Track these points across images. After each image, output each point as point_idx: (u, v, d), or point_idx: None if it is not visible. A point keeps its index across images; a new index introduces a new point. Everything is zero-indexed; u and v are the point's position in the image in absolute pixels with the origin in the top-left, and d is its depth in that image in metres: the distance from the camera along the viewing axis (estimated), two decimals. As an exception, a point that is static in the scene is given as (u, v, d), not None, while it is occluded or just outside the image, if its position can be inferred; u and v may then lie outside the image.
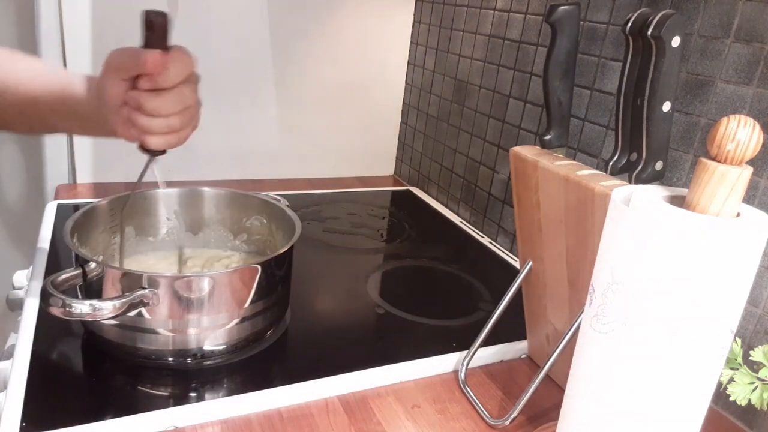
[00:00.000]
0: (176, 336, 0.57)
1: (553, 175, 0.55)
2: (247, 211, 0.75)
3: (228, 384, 0.59)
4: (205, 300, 0.57)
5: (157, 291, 0.55)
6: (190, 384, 0.58)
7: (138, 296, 0.54)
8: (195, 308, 0.57)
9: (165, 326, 0.56)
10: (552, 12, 0.55)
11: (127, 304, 0.53)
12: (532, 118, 0.91)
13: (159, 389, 0.57)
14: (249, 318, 0.60)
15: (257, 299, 0.60)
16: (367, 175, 1.31)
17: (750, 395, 0.42)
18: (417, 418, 0.58)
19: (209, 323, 0.58)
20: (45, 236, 0.82)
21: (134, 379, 0.58)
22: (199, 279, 0.56)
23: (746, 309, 0.58)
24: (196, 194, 0.75)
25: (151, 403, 0.54)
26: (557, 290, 0.60)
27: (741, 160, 0.35)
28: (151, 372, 0.59)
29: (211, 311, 0.57)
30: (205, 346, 0.59)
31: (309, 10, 1.12)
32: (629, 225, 0.37)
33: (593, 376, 0.41)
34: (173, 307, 0.56)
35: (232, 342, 0.60)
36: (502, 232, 0.99)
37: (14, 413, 0.51)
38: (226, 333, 0.59)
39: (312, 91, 1.18)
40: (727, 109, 0.62)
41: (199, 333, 0.58)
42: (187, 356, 0.59)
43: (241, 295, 0.59)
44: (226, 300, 0.58)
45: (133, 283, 0.54)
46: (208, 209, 0.75)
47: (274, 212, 0.73)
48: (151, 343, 0.57)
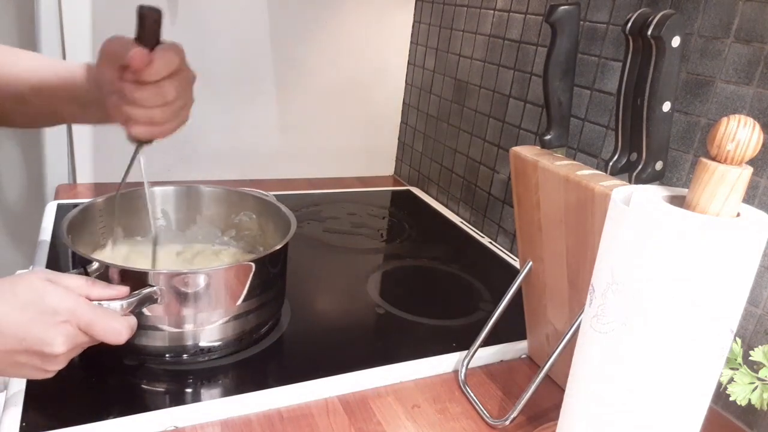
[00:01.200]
0: (174, 332, 0.58)
1: (553, 175, 0.55)
2: (236, 208, 0.75)
3: (228, 384, 0.59)
4: (203, 295, 0.57)
5: (163, 288, 0.55)
6: (190, 384, 0.58)
7: (146, 294, 0.54)
8: (193, 304, 0.57)
9: (163, 322, 0.57)
10: (552, 12, 0.55)
11: (134, 303, 0.53)
12: (532, 118, 0.91)
13: (159, 389, 0.57)
14: (244, 314, 0.61)
15: (253, 295, 0.60)
16: (367, 175, 1.31)
17: (750, 395, 0.42)
18: (417, 418, 0.58)
19: (205, 319, 0.58)
20: (45, 236, 0.82)
21: (134, 378, 0.58)
22: (198, 275, 0.56)
23: (746, 309, 0.58)
24: (184, 192, 0.75)
25: (151, 403, 0.54)
26: (557, 290, 0.60)
27: (741, 160, 0.35)
28: (151, 372, 0.59)
29: (208, 307, 0.58)
30: (201, 342, 0.59)
31: (309, 11, 1.12)
32: (629, 225, 0.37)
33: (593, 376, 0.41)
34: (173, 303, 0.56)
35: (228, 338, 0.61)
36: (502, 232, 0.99)
37: (14, 413, 0.51)
38: (221, 329, 0.60)
39: (312, 91, 1.18)
40: (727, 109, 0.62)
41: (196, 329, 0.58)
42: (183, 353, 0.59)
43: (237, 291, 0.59)
44: (222, 296, 0.58)
45: (137, 282, 0.54)
46: (197, 207, 0.75)
47: (265, 208, 0.73)
48: (149, 339, 0.57)
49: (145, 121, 0.54)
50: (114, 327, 0.49)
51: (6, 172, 1.22)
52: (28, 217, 1.23)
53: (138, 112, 0.53)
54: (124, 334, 0.50)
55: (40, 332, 0.45)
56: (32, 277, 0.48)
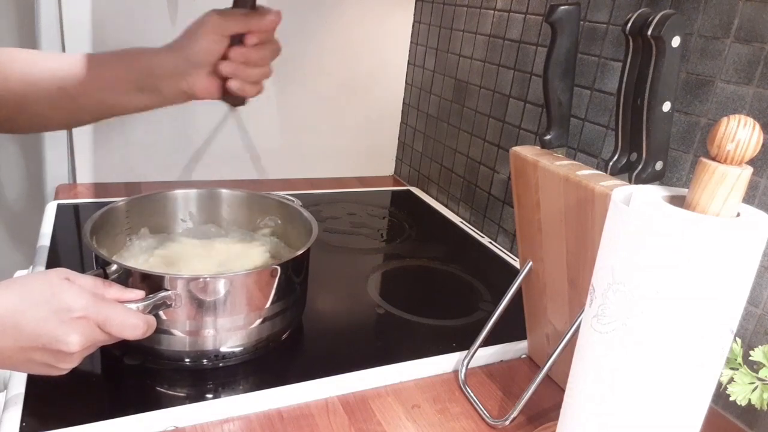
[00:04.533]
0: (192, 338, 0.57)
1: (553, 175, 0.55)
2: (262, 212, 0.75)
3: (228, 384, 0.59)
4: (224, 301, 0.57)
5: (178, 292, 0.55)
6: (189, 384, 0.58)
7: (161, 298, 0.54)
8: (213, 310, 0.57)
9: (182, 328, 0.57)
10: (552, 12, 0.55)
11: (149, 307, 0.53)
12: (532, 118, 0.91)
13: (159, 389, 0.57)
14: (267, 319, 0.61)
15: (276, 300, 0.60)
16: (367, 175, 1.31)
17: (750, 395, 0.42)
18: (417, 418, 0.58)
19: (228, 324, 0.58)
20: (45, 236, 0.82)
21: (134, 378, 0.58)
22: (220, 280, 0.56)
23: (746, 309, 0.58)
24: (210, 195, 0.75)
25: (151, 403, 0.54)
26: (557, 290, 0.60)
27: (741, 160, 0.35)
28: (151, 372, 0.59)
29: (230, 312, 0.57)
30: (222, 348, 0.59)
31: (309, 11, 1.12)
32: (629, 225, 0.37)
33: (593, 376, 0.41)
34: (191, 308, 0.56)
35: (251, 344, 0.61)
36: (502, 232, 0.99)
37: (14, 413, 0.51)
38: (245, 335, 0.60)
39: (312, 91, 1.18)
40: (727, 109, 0.62)
41: (216, 334, 0.58)
42: (203, 358, 0.59)
43: (262, 296, 0.59)
44: (245, 301, 0.58)
45: (154, 285, 0.54)
46: (223, 210, 0.75)
47: (289, 213, 0.73)
48: (168, 344, 0.57)
49: (260, 79, 0.59)
50: (131, 322, 0.50)
51: (6, 172, 1.22)
52: (28, 217, 1.23)
53: (255, 72, 0.58)
54: (141, 327, 0.50)
55: (56, 329, 0.45)
56: (50, 275, 0.48)
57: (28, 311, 0.45)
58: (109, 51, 0.62)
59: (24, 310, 0.45)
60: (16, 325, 0.45)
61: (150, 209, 0.71)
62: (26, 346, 0.45)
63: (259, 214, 0.75)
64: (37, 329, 0.45)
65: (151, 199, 0.71)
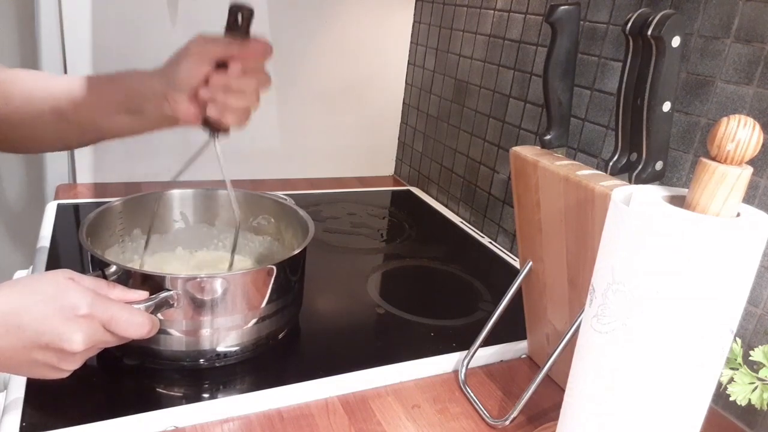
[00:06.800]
0: (189, 337, 0.57)
1: (553, 175, 0.55)
2: (255, 211, 0.75)
3: (228, 384, 0.59)
4: (222, 301, 0.57)
5: (180, 292, 0.55)
6: (189, 384, 0.58)
7: (163, 298, 0.54)
8: (211, 309, 0.57)
9: (179, 327, 0.57)
10: (552, 12, 0.55)
11: (152, 307, 0.53)
12: (532, 118, 0.91)
13: (159, 389, 0.57)
14: (264, 318, 0.61)
15: (273, 299, 0.60)
16: (367, 175, 1.31)
17: (750, 395, 0.42)
18: (417, 418, 0.58)
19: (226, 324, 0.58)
20: (45, 236, 0.82)
21: (133, 379, 0.58)
22: (218, 280, 0.56)
23: (746, 309, 0.58)
24: (204, 195, 0.75)
25: (151, 403, 0.54)
26: (557, 290, 0.60)
27: (741, 160, 0.35)
28: (151, 372, 0.59)
29: (228, 312, 0.57)
30: (220, 347, 0.59)
31: (309, 11, 1.12)
32: (629, 225, 0.37)
33: (593, 376, 0.41)
34: (191, 308, 0.56)
35: (248, 343, 0.61)
36: (502, 232, 0.99)
37: (14, 413, 0.51)
38: (242, 333, 0.59)
39: (312, 91, 1.18)
40: (727, 109, 0.62)
41: (213, 334, 0.58)
42: (201, 357, 0.59)
43: (258, 295, 0.59)
44: (243, 301, 0.58)
45: (155, 286, 0.54)
46: (217, 210, 0.75)
47: (283, 212, 0.73)
48: (167, 344, 0.57)
49: (241, 109, 0.57)
50: (137, 320, 0.50)
51: (6, 172, 1.22)
52: (28, 217, 1.23)
53: (237, 101, 0.57)
54: (146, 326, 0.50)
55: (59, 326, 0.45)
56: (56, 274, 0.48)
57: (32, 308, 0.45)
58: (105, 73, 0.62)
59: (28, 308, 0.45)
60: (20, 325, 0.45)
61: (144, 209, 0.71)
62: (29, 344, 0.45)
63: (252, 214, 0.75)
64: (40, 327, 0.45)
65: (145, 199, 0.71)
